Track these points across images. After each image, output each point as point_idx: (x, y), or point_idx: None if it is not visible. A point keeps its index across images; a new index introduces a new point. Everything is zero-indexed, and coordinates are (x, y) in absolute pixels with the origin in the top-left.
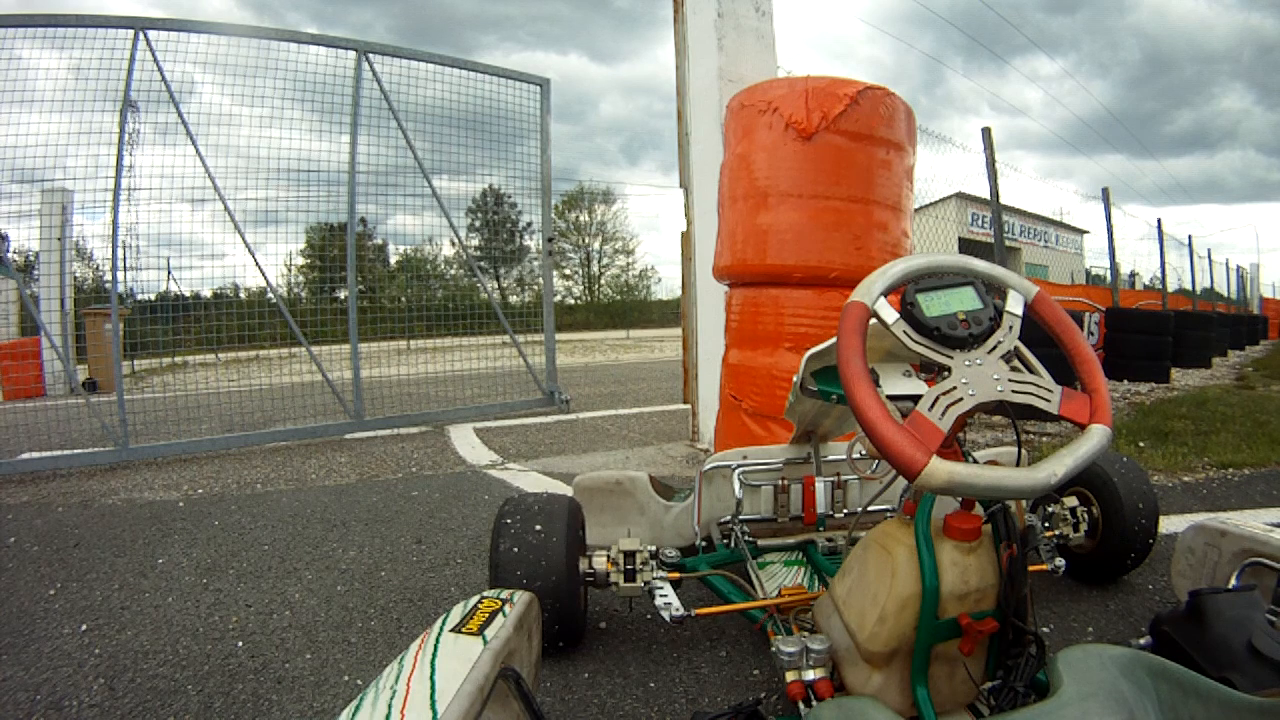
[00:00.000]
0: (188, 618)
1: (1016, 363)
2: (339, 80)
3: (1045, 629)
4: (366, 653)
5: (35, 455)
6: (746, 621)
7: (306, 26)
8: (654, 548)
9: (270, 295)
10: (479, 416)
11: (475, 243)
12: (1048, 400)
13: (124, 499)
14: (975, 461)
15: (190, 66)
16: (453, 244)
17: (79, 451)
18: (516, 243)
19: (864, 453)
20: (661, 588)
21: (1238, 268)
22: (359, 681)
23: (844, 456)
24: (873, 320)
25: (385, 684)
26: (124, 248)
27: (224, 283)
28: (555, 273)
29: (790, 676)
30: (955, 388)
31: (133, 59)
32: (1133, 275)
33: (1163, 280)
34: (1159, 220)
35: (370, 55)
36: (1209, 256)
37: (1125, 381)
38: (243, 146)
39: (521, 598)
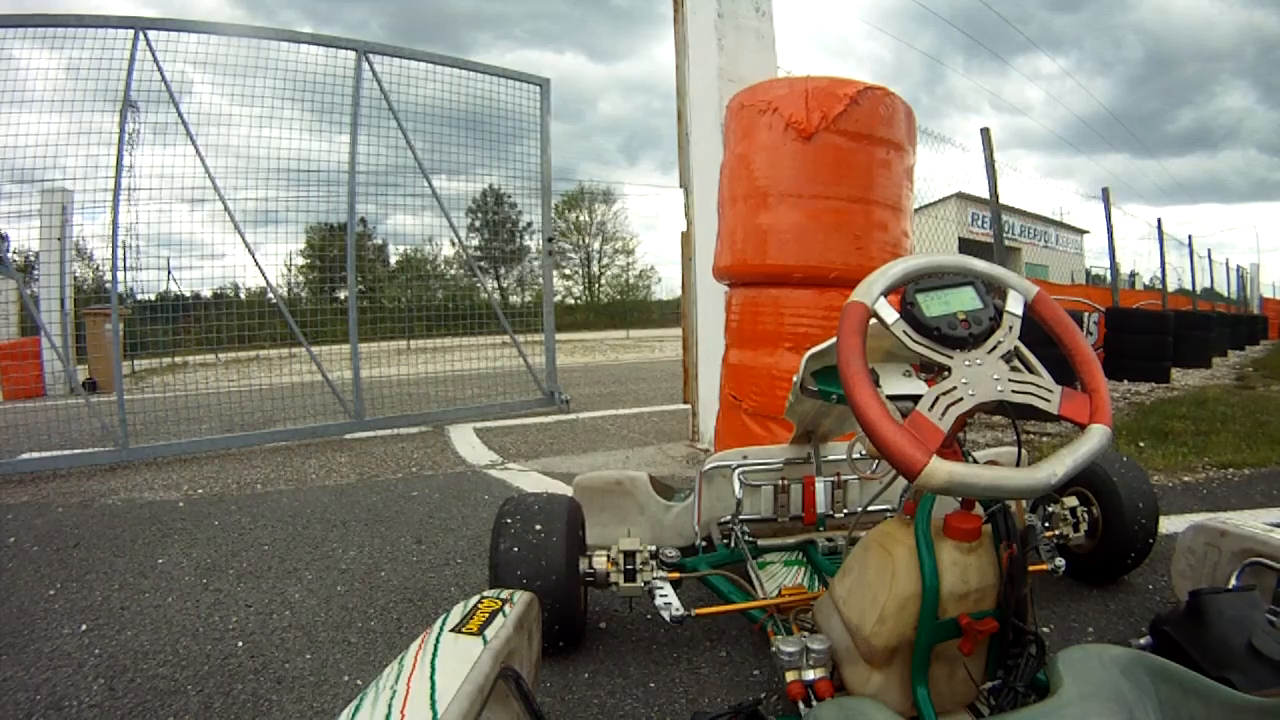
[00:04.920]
0: (188, 618)
1: (1016, 363)
2: (337, 80)
3: (1045, 629)
4: (366, 653)
5: (35, 455)
6: (746, 621)
7: (301, 24)
8: (654, 548)
9: (270, 295)
10: (479, 416)
11: (475, 243)
12: (1048, 400)
13: (124, 499)
14: (975, 461)
15: (186, 66)
16: (453, 244)
17: (79, 451)
18: (516, 243)
19: (864, 453)
20: (661, 588)
21: (1238, 267)
22: (359, 681)
23: (844, 456)
24: (873, 320)
25: (385, 684)
26: (124, 248)
27: (224, 283)
28: (555, 273)
29: (790, 676)
30: (955, 388)
31: (132, 59)
32: (1133, 275)
33: (1163, 280)
34: (1159, 220)
35: (370, 55)
36: (1209, 256)
37: (1125, 381)
38: (241, 146)
39: (521, 598)
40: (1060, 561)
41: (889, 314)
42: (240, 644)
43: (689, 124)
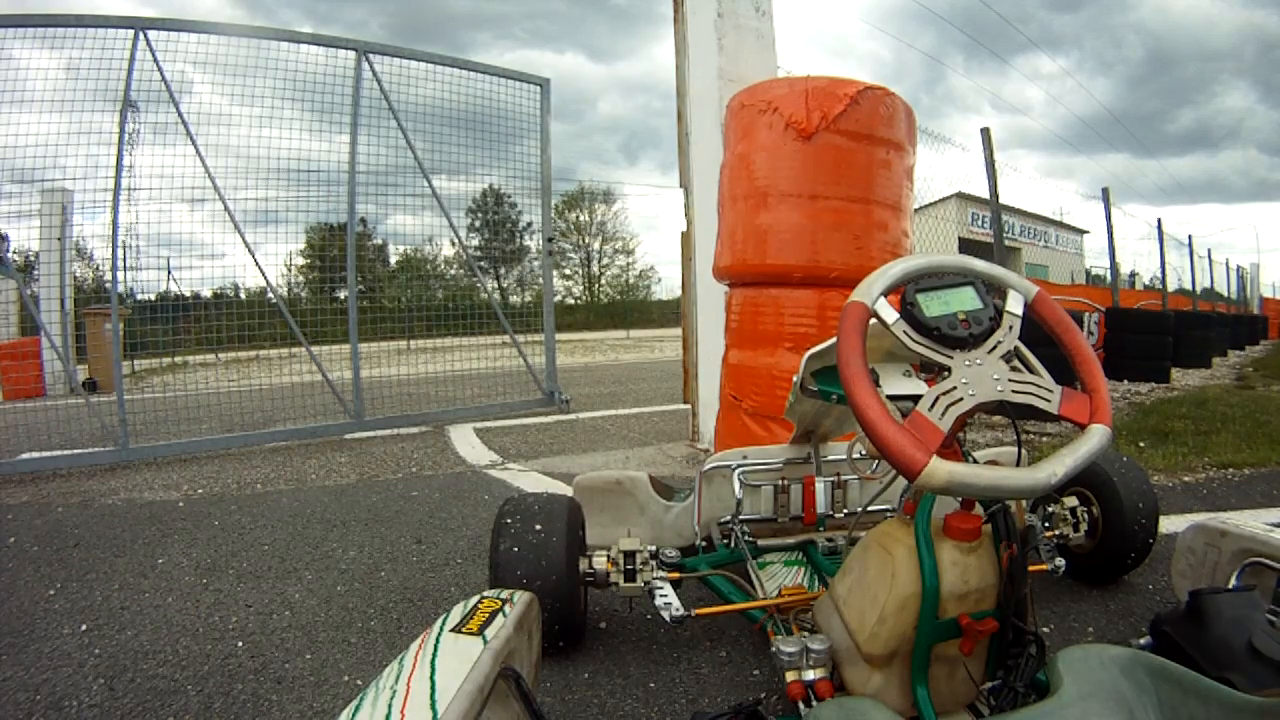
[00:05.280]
0: (188, 618)
1: (1016, 363)
2: (337, 80)
3: (1045, 629)
4: (366, 653)
5: (35, 455)
6: (746, 621)
7: (300, 24)
8: (654, 548)
9: (270, 295)
10: (479, 416)
11: (475, 243)
12: (1048, 400)
13: (124, 499)
14: (975, 461)
15: (186, 66)
16: (453, 244)
17: (79, 451)
18: (516, 243)
19: (864, 453)
20: (661, 588)
21: (1238, 268)
22: (359, 681)
23: (844, 456)
24: (873, 320)
25: (385, 684)
26: (124, 248)
27: (224, 283)
28: (555, 273)
29: (790, 676)
30: (955, 388)
31: (133, 59)
32: (1133, 275)
33: (1163, 280)
34: (1159, 220)
35: (370, 55)
36: (1209, 256)
37: (1125, 381)
38: (241, 146)
39: (521, 598)
40: (1060, 561)
41: (889, 314)
42: (240, 644)
43: (689, 124)
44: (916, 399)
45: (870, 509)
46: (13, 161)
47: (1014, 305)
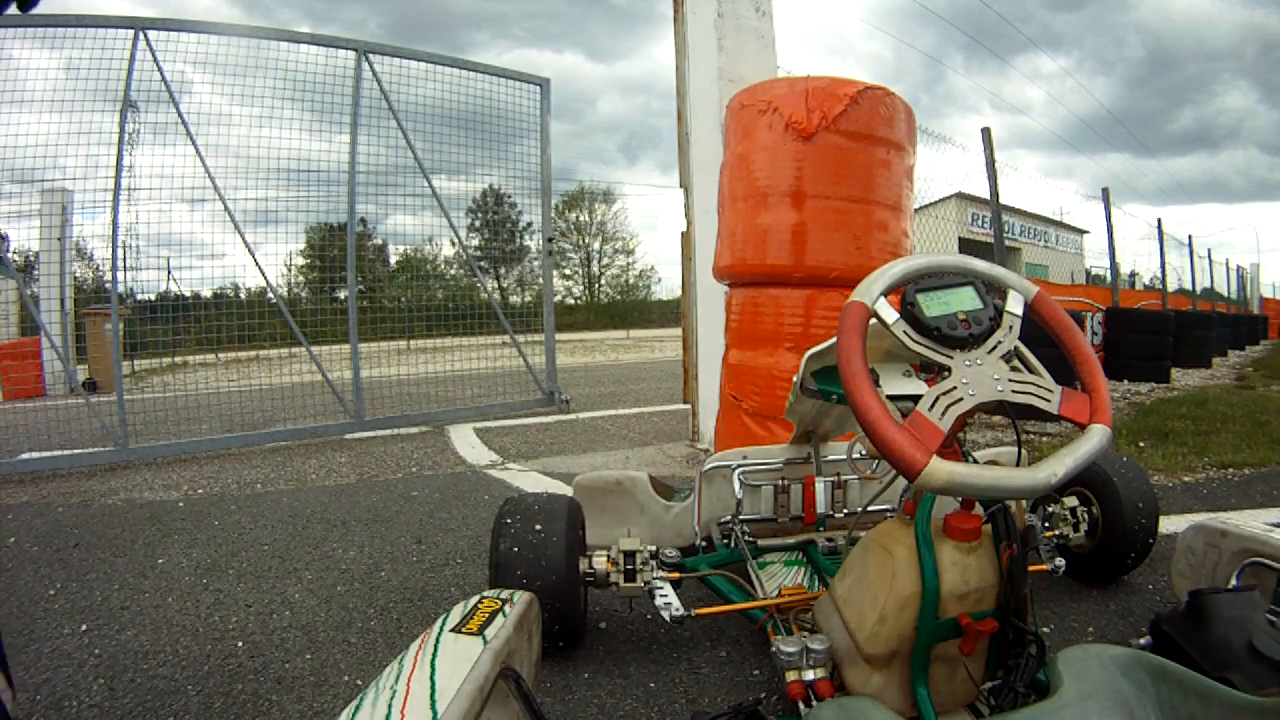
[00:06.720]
0: (188, 618)
1: (1016, 363)
2: (337, 79)
3: (1045, 629)
4: (366, 653)
5: (35, 455)
6: (746, 621)
7: (299, 23)
8: (654, 548)
9: (270, 295)
10: (479, 416)
11: (475, 243)
12: (1048, 400)
13: (124, 499)
14: (975, 461)
15: (186, 66)
16: (453, 244)
17: (79, 451)
18: (516, 243)
19: (864, 453)
20: (661, 588)
21: (1238, 267)
22: (359, 681)
23: (844, 456)
24: (873, 320)
25: (385, 684)
26: (124, 248)
27: (224, 283)
28: (555, 273)
29: (790, 676)
30: (955, 388)
31: (133, 59)
32: (1133, 275)
33: (1163, 280)
34: (1159, 220)
35: (369, 55)
36: (1209, 256)
37: (1125, 381)
38: (240, 146)
39: (521, 598)
40: (1060, 561)
41: (889, 314)
42: (240, 644)
43: (689, 124)
44: (916, 399)
45: (870, 509)
46: (13, 161)
47: (1014, 305)
